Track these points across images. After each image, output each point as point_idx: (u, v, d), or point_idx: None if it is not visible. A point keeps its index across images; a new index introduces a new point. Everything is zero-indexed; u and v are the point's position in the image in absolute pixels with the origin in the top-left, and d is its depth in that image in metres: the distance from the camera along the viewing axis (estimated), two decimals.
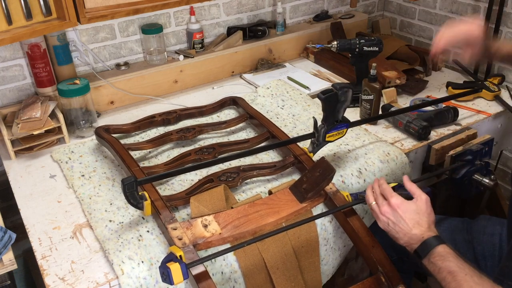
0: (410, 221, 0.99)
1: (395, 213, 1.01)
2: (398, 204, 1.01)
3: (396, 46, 1.91)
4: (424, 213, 1.01)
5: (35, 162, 1.38)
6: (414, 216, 1.00)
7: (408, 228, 0.99)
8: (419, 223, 0.99)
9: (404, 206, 1.01)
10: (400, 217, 1.00)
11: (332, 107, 1.20)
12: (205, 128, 1.46)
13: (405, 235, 1.00)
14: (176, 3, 1.48)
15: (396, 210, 1.01)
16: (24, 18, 1.27)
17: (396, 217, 1.01)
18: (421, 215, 1.00)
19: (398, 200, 1.02)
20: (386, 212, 1.02)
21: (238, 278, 1.07)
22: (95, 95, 1.58)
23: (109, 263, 1.02)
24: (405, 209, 1.01)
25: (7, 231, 1.06)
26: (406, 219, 1.00)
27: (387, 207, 1.03)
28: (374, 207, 1.06)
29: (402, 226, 1.00)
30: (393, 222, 1.01)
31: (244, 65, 1.90)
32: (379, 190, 1.07)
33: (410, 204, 1.02)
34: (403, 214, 1.00)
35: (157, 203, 1.08)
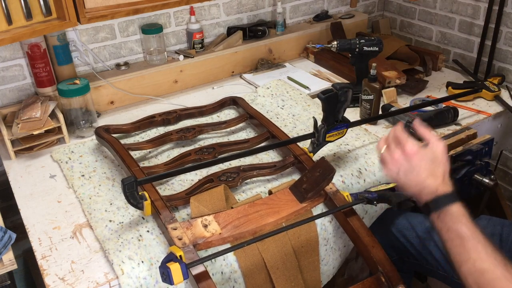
0: (425, 170, 0.92)
1: (410, 161, 0.93)
2: (415, 151, 0.93)
3: (396, 46, 1.91)
4: (440, 162, 0.93)
5: (35, 162, 1.38)
6: (430, 165, 0.92)
7: (422, 178, 0.92)
8: (433, 174, 0.91)
9: (420, 154, 0.93)
10: (415, 165, 0.92)
11: (332, 107, 1.20)
12: (205, 128, 1.46)
13: (416, 185, 0.93)
14: (176, 3, 1.48)
15: (411, 158, 0.93)
16: (24, 18, 1.27)
17: (410, 165, 0.93)
18: (437, 164, 0.92)
19: (415, 147, 0.93)
20: (399, 160, 0.94)
21: (238, 278, 1.07)
22: (95, 95, 1.58)
23: (109, 263, 1.03)
24: (421, 157, 0.92)
25: (7, 231, 1.06)
26: (421, 168, 0.92)
27: (400, 154, 0.95)
28: (385, 154, 0.97)
29: (415, 176, 0.92)
30: (405, 171, 0.93)
31: (244, 65, 1.90)
32: (392, 135, 0.98)
33: (427, 152, 0.93)
34: (418, 162, 0.92)
35: (157, 203, 1.08)
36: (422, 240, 1.26)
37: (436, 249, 1.23)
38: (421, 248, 1.27)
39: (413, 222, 1.30)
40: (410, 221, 1.31)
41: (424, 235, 1.26)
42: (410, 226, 1.30)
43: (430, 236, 1.25)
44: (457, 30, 1.98)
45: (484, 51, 1.87)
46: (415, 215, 1.33)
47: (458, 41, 1.99)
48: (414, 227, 1.29)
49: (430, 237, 1.25)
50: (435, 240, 1.24)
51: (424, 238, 1.26)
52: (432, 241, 1.24)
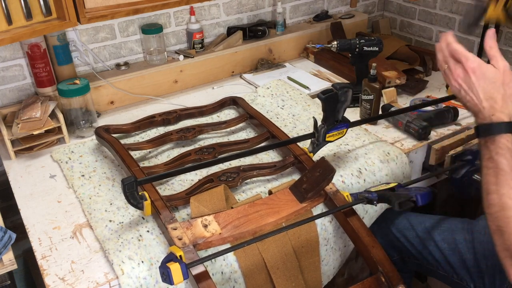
0: (483, 90, 0.87)
1: (468, 79, 0.88)
2: (474, 68, 0.87)
3: (396, 46, 1.91)
4: (501, 84, 0.87)
5: (35, 162, 1.38)
6: (489, 86, 0.87)
7: (479, 99, 0.87)
8: (492, 97, 0.86)
9: (480, 71, 0.87)
10: (472, 84, 0.87)
11: (332, 107, 1.20)
12: (205, 128, 1.46)
13: (474, 106, 0.89)
14: (176, 3, 1.48)
15: (469, 75, 0.87)
16: (24, 18, 1.27)
17: (469, 83, 0.88)
18: (498, 86, 0.86)
19: (475, 63, 0.87)
20: (459, 77, 0.89)
21: (238, 278, 1.07)
22: (95, 95, 1.58)
23: (109, 263, 1.02)
24: (480, 75, 0.87)
25: (7, 231, 1.06)
26: (480, 88, 0.87)
27: (460, 70, 0.89)
28: (447, 71, 0.92)
29: (473, 95, 0.88)
30: (465, 89, 0.89)
31: (244, 65, 1.90)
32: (447, 51, 0.92)
33: (487, 70, 0.87)
34: (476, 81, 0.87)
35: (157, 203, 1.08)
36: (422, 240, 1.27)
37: (436, 249, 1.24)
38: (421, 248, 1.27)
39: (413, 222, 1.31)
40: (410, 221, 1.31)
41: (424, 235, 1.27)
42: (410, 226, 1.30)
43: (430, 236, 1.25)
44: (457, 30, 1.98)
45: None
46: (415, 215, 1.34)
47: (458, 41, 1.98)
48: (414, 227, 1.29)
49: (430, 237, 1.25)
50: (435, 240, 1.24)
51: (424, 238, 1.26)
52: (432, 241, 1.25)
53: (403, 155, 1.36)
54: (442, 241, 1.23)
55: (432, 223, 1.28)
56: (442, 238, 1.23)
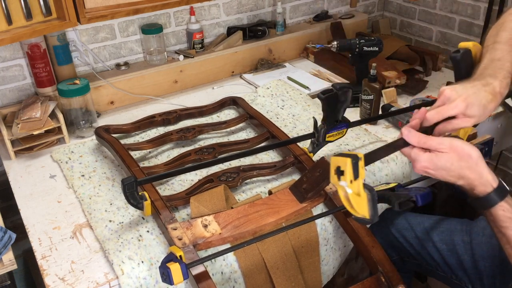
0: (449, 175, 0.83)
1: (429, 174, 0.85)
2: (426, 166, 0.84)
3: (396, 46, 1.91)
4: (459, 161, 0.82)
5: (35, 162, 1.38)
6: (450, 171, 0.83)
7: (454, 180, 0.84)
8: (460, 175, 0.82)
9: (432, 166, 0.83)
10: (436, 175, 0.85)
11: (332, 107, 1.20)
12: (205, 128, 1.46)
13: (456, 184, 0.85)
14: (176, 3, 1.48)
15: (428, 172, 0.85)
16: (24, 18, 1.27)
17: (434, 175, 0.85)
18: (457, 165, 0.82)
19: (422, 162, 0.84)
20: (420, 170, 0.86)
21: (238, 278, 1.07)
22: (95, 95, 1.58)
23: (109, 263, 1.03)
24: (435, 169, 0.83)
25: (7, 231, 1.06)
26: (445, 176, 0.83)
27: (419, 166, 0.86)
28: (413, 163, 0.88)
29: (447, 179, 0.84)
30: (436, 177, 0.85)
31: (244, 65, 1.90)
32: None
33: (439, 160, 0.83)
34: (437, 173, 0.84)
35: (157, 203, 1.08)
36: (421, 240, 1.26)
37: (435, 249, 1.23)
38: (420, 249, 1.27)
39: (412, 223, 1.30)
40: (409, 221, 1.31)
41: (423, 236, 1.26)
42: (409, 226, 1.30)
43: (429, 236, 1.25)
44: (457, 30, 1.98)
45: None
46: (414, 215, 1.33)
47: (458, 41, 1.99)
48: (413, 227, 1.29)
49: (429, 237, 1.25)
50: (434, 240, 1.24)
51: (423, 239, 1.26)
52: (431, 242, 1.24)
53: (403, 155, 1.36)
54: (441, 242, 1.23)
55: (431, 223, 1.28)
56: (440, 239, 1.23)
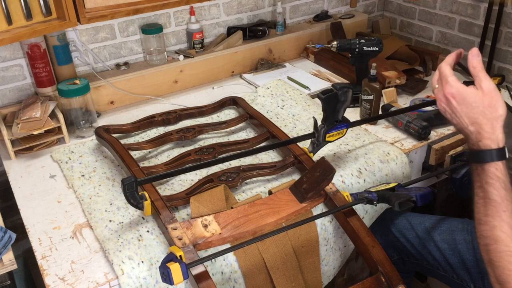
0: (467, 115, 0.84)
1: (450, 104, 0.86)
2: (453, 93, 0.84)
3: (396, 46, 1.91)
4: (486, 107, 0.82)
5: (35, 162, 1.38)
6: (472, 110, 0.83)
7: (465, 123, 0.84)
8: (477, 122, 0.83)
9: (460, 97, 0.84)
10: (454, 108, 0.85)
11: (332, 107, 1.20)
12: (205, 128, 1.46)
13: (462, 130, 0.86)
14: (176, 3, 1.48)
15: (450, 101, 0.85)
16: (24, 18, 1.27)
17: (452, 108, 0.86)
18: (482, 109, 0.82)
19: (453, 89, 0.84)
20: (441, 101, 0.88)
21: (238, 278, 1.07)
22: (95, 95, 1.58)
23: (109, 263, 1.03)
24: (460, 100, 0.84)
25: (7, 231, 1.06)
26: (462, 113, 0.84)
27: (442, 95, 0.87)
28: (436, 92, 0.90)
29: (459, 120, 0.85)
30: (450, 113, 0.87)
31: (244, 65, 1.90)
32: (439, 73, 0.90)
33: (468, 94, 0.83)
34: (457, 106, 0.84)
35: (157, 203, 1.08)
36: (422, 240, 1.27)
37: (436, 249, 1.23)
38: (421, 248, 1.27)
39: (413, 222, 1.30)
40: (410, 221, 1.31)
41: (424, 235, 1.26)
42: (410, 226, 1.30)
43: (430, 236, 1.25)
44: (457, 30, 1.98)
45: (484, 51, 1.87)
46: (415, 215, 1.34)
47: (458, 41, 1.99)
48: (414, 227, 1.29)
49: (430, 237, 1.25)
50: (435, 240, 1.24)
51: (424, 238, 1.26)
52: (432, 241, 1.24)
53: (403, 155, 1.36)
54: (442, 241, 1.23)
55: (432, 223, 1.28)
56: (442, 238, 1.23)
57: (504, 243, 0.79)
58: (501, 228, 0.80)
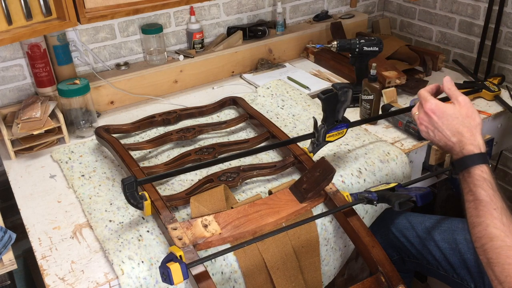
0: (448, 127, 0.91)
1: (431, 119, 0.93)
2: (433, 109, 0.92)
3: (396, 46, 1.91)
4: (464, 117, 0.90)
5: (35, 162, 1.38)
6: (452, 121, 0.91)
7: (447, 136, 0.91)
8: (458, 131, 0.90)
9: (439, 111, 0.92)
10: (436, 123, 0.92)
11: (332, 107, 1.20)
12: (205, 128, 1.46)
13: (446, 144, 0.93)
14: (176, 3, 1.48)
15: (431, 116, 0.93)
16: (24, 18, 1.27)
17: (433, 124, 0.93)
18: (461, 120, 0.90)
19: (432, 105, 0.93)
20: (423, 120, 0.95)
21: (238, 278, 1.07)
22: (95, 95, 1.58)
23: (109, 263, 1.02)
24: (441, 114, 0.91)
25: (7, 231, 1.06)
26: (444, 126, 0.91)
27: (423, 113, 0.95)
28: (415, 116, 0.98)
29: (441, 134, 0.92)
30: (432, 129, 0.94)
31: (244, 65, 1.90)
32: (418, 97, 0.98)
33: (447, 108, 0.92)
34: (438, 120, 0.92)
35: (157, 203, 1.08)
36: (422, 239, 1.27)
37: (436, 249, 1.23)
38: (422, 248, 1.27)
39: (413, 222, 1.30)
40: (410, 221, 1.31)
41: (425, 235, 1.26)
42: (410, 225, 1.30)
43: (431, 236, 1.25)
44: (457, 30, 1.98)
45: (484, 51, 1.87)
46: (415, 215, 1.34)
47: (458, 41, 1.99)
48: (414, 226, 1.29)
49: (430, 236, 1.25)
50: (435, 240, 1.24)
51: (424, 238, 1.26)
52: (432, 241, 1.24)
53: (403, 155, 1.36)
54: (443, 241, 1.23)
55: (432, 223, 1.28)
56: (442, 238, 1.23)
57: (499, 239, 0.80)
58: (494, 225, 0.81)
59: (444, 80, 0.97)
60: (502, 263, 0.79)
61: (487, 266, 0.82)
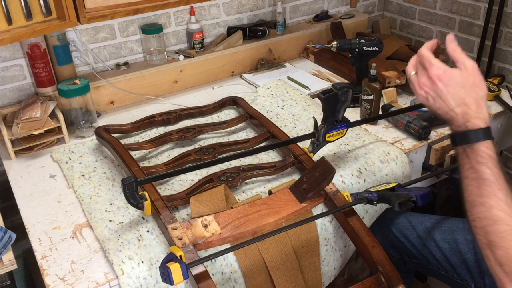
0: (453, 97, 0.82)
1: (435, 87, 0.84)
2: (440, 75, 0.83)
3: (396, 46, 1.91)
4: (471, 86, 0.82)
5: (35, 162, 1.38)
6: (459, 91, 0.82)
7: (451, 106, 0.83)
8: (464, 102, 0.82)
9: (446, 78, 0.83)
10: (440, 91, 0.83)
11: (332, 107, 1.20)
12: (205, 128, 1.46)
13: (446, 113, 0.84)
14: (176, 3, 1.47)
15: (435, 83, 0.84)
16: (24, 18, 1.27)
17: (437, 91, 0.84)
18: (468, 89, 0.82)
19: (440, 70, 0.83)
20: (424, 85, 0.85)
21: (238, 278, 1.07)
22: (95, 95, 1.58)
23: (109, 263, 1.02)
24: (447, 81, 0.82)
25: (7, 231, 1.06)
26: (448, 95, 0.82)
27: (425, 78, 0.85)
28: (413, 78, 0.88)
29: (443, 103, 0.84)
30: (433, 97, 0.85)
31: (244, 65, 1.90)
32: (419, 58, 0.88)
33: (455, 75, 0.83)
34: (444, 88, 0.83)
35: (157, 203, 1.08)
36: (423, 239, 1.27)
37: (437, 249, 1.23)
38: (422, 248, 1.27)
39: (413, 222, 1.30)
40: (410, 220, 1.31)
41: (425, 235, 1.26)
42: (411, 225, 1.30)
43: (431, 236, 1.25)
44: (457, 30, 1.98)
45: (484, 51, 1.87)
46: (415, 214, 1.34)
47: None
48: (414, 226, 1.29)
49: (431, 237, 1.25)
50: (436, 240, 1.24)
51: (424, 238, 1.26)
52: (433, 241, 1.24)
53: (403, 155, 1.36)
54: (443, 241, 1.23)
55: (432, 223, 1.28)
56: (442, 238, 1.23)
57: (505, 222, 0.76)
58: (498, 207, 0.77)
59: (447, 39, 0.87)
60: (507, 247, 0.75)
61: (486, 247, 0.78)
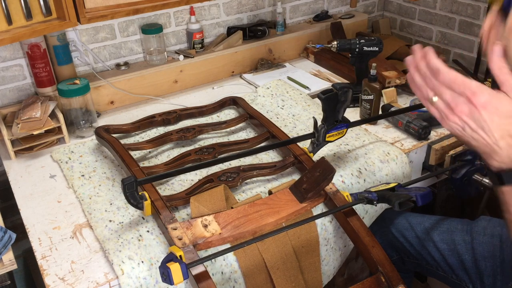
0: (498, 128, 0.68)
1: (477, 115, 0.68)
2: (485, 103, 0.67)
3: (396, 46, 1.91)
4: None
5: (35, 162, 1.38)
6: (505, 121, 0.67)
7: (493, 138, 0.68)
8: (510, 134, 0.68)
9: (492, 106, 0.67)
10: (484, 121, 0.68)
11: (332, 107, 1.20)
12: (205, 128, 1.46)
13: (486, 146, 0.70)
14: (176, 3, 1.47)
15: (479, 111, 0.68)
16: (24, 18, 1.27)
17: (478, 121, 0.68)
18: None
19: (485, 96, 0.67)
20: (463, 113, 0.69)
21: (238, 278, 1.07)
22: (95, 95, 1.58)
23: (109, 263, 1.03)
24: (493, 110, 0.67)
25: (7, 231, 1.06)
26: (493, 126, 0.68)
27: (465, 105, 0.69)
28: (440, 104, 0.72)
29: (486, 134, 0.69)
30: (473, 128, 0.70)
31: (244, 65, 1.90)
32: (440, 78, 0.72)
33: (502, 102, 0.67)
34: (488, 117, 0.67)
35: (157, 203, 1.08)
36: (421, 240, 1.27)
37: (435, 249, 1.24)
38: (420, 249, 1.27)
39: (412, 222, 1.31)
40: (409, 221, 1.31)
41: (424, 236, 1.27)
42: (409, 226, 1.30)
43: (429, 236, 1.25)
44: (457, 30, 1.98)
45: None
46: (414, 215, 1.34)
47: (458, 41, 1.99)
48: (413, 227, 1.29)
49: (429, 237, 1.25)
50: (434, 240, 1.24)
51: (423, 239, 1.26)
52: (431, 242, 1.25)
53: (403, 155, 1.36)
54: (441, 242, 1.23)
55: (431, 223, 1.28)
56: (441, 239, 1.24)
57: None
58: None
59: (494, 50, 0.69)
60: None
61: None
